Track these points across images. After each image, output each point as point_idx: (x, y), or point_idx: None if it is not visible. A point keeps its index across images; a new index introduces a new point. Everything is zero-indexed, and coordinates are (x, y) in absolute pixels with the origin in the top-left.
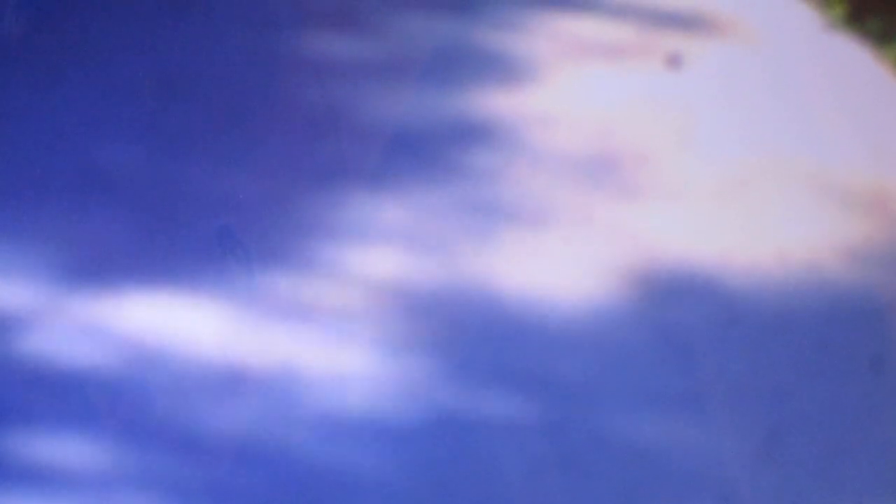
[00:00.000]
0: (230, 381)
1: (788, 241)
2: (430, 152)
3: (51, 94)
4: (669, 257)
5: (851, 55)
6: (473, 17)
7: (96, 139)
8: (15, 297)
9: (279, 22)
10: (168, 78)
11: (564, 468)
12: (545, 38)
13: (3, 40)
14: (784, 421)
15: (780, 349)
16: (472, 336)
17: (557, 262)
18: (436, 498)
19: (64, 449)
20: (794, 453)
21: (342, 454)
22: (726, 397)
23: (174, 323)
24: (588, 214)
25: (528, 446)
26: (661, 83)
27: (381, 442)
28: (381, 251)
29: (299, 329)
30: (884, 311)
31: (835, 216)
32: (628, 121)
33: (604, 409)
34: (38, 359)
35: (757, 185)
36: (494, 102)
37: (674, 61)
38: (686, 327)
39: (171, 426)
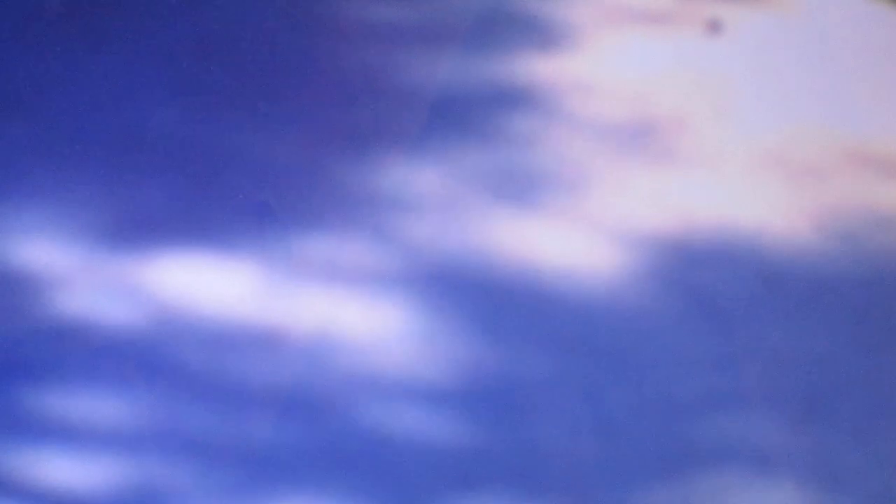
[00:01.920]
0: (267, 344)
1: (826, 211)
2: (467, 117)
3: (88, 58)
4: (706, 225)
5: (894, 26)
6: None
7: (133, 102)
8: (52, 258)
9: None
10: (207, 41)
11: (601, 433)
12: (584, 4)
13: (42, 4)
14: (821, 389)
15: (817, 317)
16: (509, 300)
17: (594, 227)
18: (473, 459)
19: (101, 409)
20: (831, 421)
21: (379, 416)
22: (763, 365)
23: (211, 285)
24: (625, 181)
25: (563, 411)
26: (701, 50)
27: (417, 404)
28: (418, 214)
29: (336, 292)
30: None
31: (873, 187)
32: (666, 88)
33: (639, 375)
34: (75, 319)
35: (795, 154)
36: (532, 68)
37: (713, 28)
38: (722, 295)
39: (207, 387)
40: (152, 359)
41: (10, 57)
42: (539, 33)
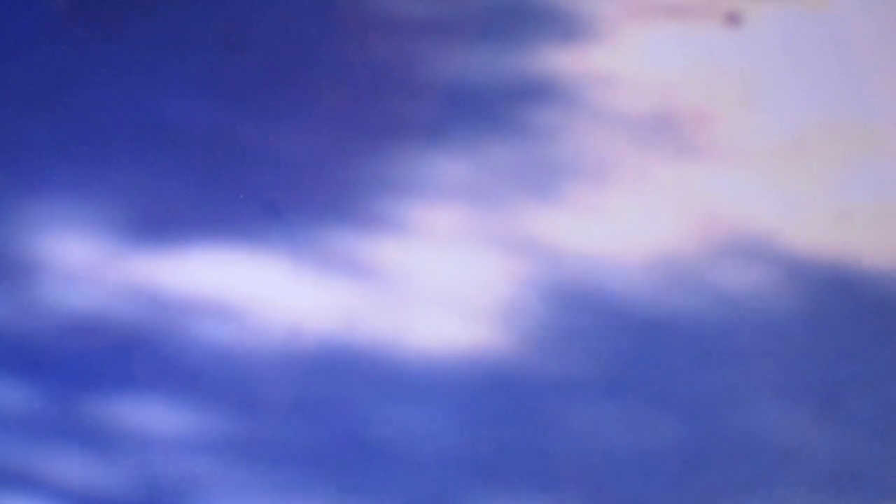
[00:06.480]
0: (290, 337)
1: (849, 203)
2: (490, 109)
3: (112, 49)
4: (729, 217)
5: None
6: None
7: (157, 94)
8: (72, 252)
9: None
10: (230, 33)
11: (624, 426)
12: None
13: None
14: (843, 381)
15: (840, 309)
16: (532, 293)
17: (616, 220)
18: (494, 455)
19: (124, 405)
20: (853, 414)
21: (402, 410)
22: (785, 357)
23: (235, 278)
24: (648, 173)
25: (588, 404)
26: (723, 43)
27: (440, 399)
28: (441, 207)
29: (359, 284)
30: None
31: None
32: (689, 80)
33: (662, 367)
34: (98, 313)
35: (818, 147)
36: (556, 60)
37: (733, 20)
38: (745, 286)
39: (230, 381)
40: (176, 354)
41: (33, 51)
42: (562, 27)
